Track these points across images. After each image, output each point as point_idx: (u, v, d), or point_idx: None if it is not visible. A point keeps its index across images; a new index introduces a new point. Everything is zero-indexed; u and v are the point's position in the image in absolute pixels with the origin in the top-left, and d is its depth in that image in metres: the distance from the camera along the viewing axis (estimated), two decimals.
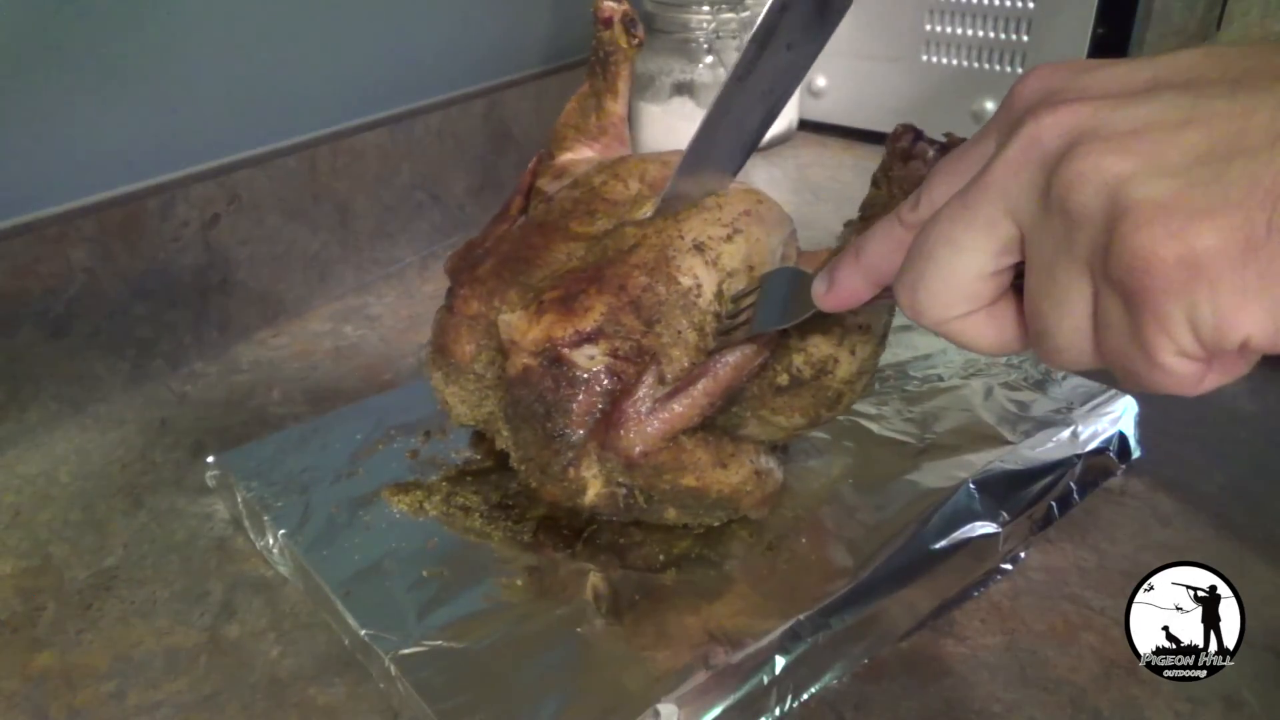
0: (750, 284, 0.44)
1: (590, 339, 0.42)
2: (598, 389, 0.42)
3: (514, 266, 0.47)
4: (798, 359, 0.42)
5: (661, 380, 0.42)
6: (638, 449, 0.41)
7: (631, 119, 0.76)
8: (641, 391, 0.42)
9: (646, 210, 0.47)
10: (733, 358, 0.41)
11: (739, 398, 0.43)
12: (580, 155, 0.56)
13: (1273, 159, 0.21)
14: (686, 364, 0.43)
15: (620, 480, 0.43)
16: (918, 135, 0.38)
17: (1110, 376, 0.35)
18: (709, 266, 0.44)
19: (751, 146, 0.46)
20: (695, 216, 0.45)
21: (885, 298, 0.33)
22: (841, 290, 0.34)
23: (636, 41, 0.56)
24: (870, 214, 0.41)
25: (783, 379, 0.43)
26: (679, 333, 0.43)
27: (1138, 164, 0.22)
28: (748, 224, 0.45)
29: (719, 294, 0.44)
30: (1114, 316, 0.24)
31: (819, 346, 0.42)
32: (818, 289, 0.34)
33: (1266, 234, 0.21)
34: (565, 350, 0.42)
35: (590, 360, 0.42)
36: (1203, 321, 0.22)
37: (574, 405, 0.42)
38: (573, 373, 0.42)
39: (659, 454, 0.41)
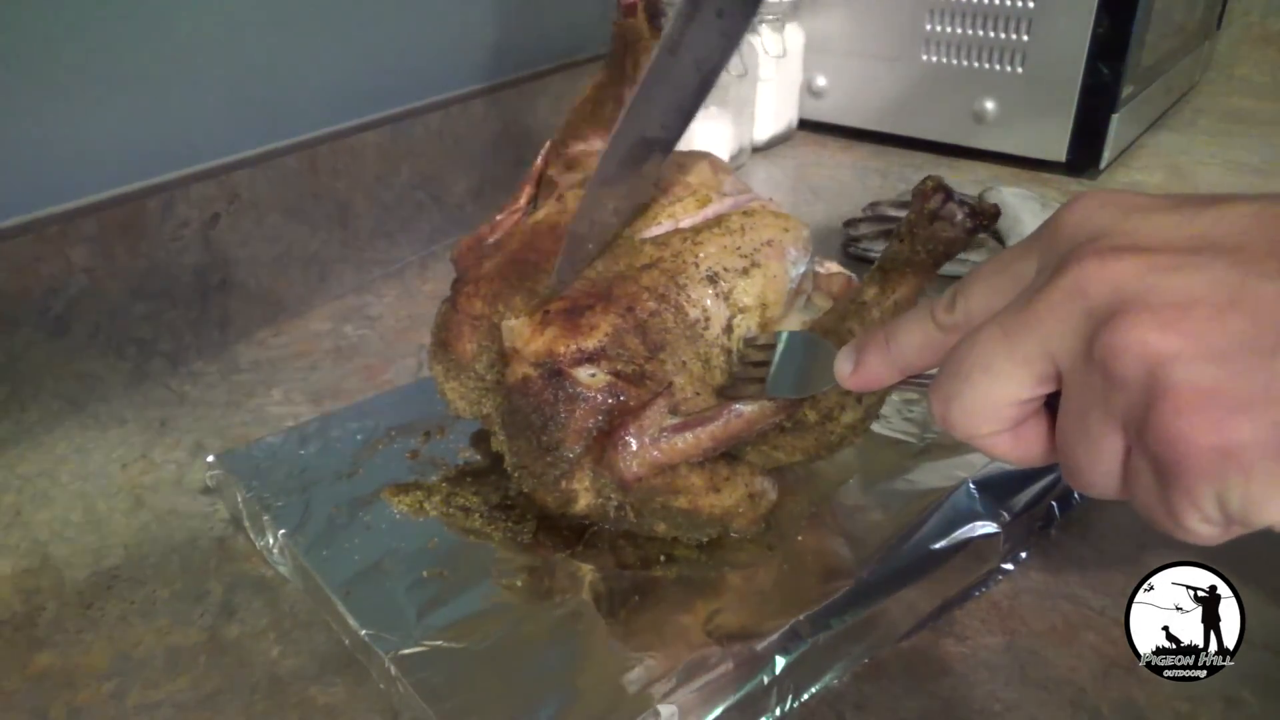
0: (764, 337, 0.43)
1: (592, 358, 0.42)
2: (595, 407, 0.42)
3: (521, 269, 0.46)
4: (805, 404, 0.42)
5: (672, 410, 0.42)
6: (633, 473, 0.41)
7: None
8: (648, 419, 0.41)
9: (660, 221, 0.46)
10: (748, 411, 0.41)
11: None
12: (593, 146, 0.54)
13: None
14: (690, 393, 0.42)
15: (611, 495, 0.43)
16: (948, 196, 0.37)
17: None
18: (719, 300, 0.43)
19: (687, 120, 0.45)
20: (715, 240, 0.44)
21: (908, 384, 0.34)
22: (867, 375, 0.34)
23: (659, 31, 0.54)
24: (890, 268, 0.40)
25: (788, 422, 0.43)
26: (683, 363, 0.42)
27: (1182, 345, 0.23)
28: (767, 258, 0.44)
29: (727, 328, 0.43)
30: (1144, 476, 0.24)
31: (827, 395, 0.41)
32: (842, 368, 0.35)
33: None
34: (566, 366, 0.42)
35: (591, 378, 0.42)
36: (1232, 504, 0.23)
37: (570, 421, 0.42)
38: (572, 388, 0.42)
39: (653, 478, 0.41)
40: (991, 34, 0.97)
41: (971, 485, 0.48)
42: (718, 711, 0.39)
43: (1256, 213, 0.24)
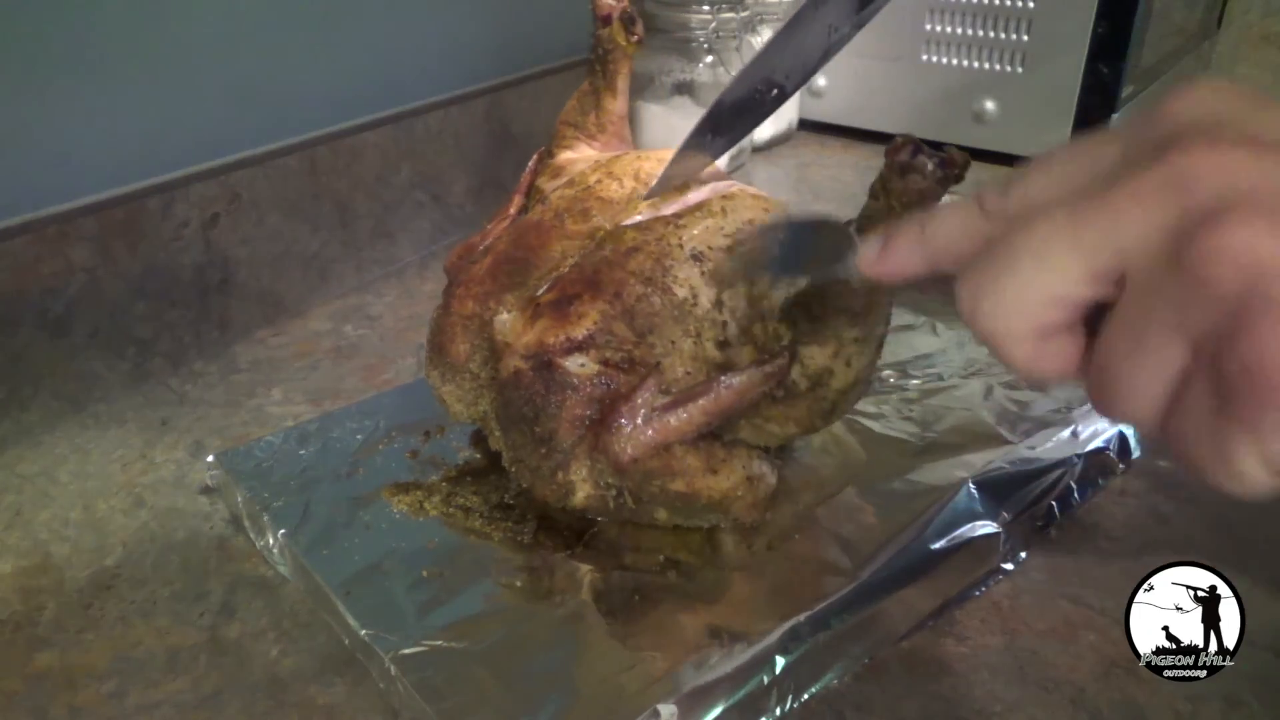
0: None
1: (581, 347, 0.42)
2: (587, 395, 0.42)
3: (509, 267, 0.47)
4: (794, 371, 0.42)
5: (663, 390, 0.42)
6: (628, 455, 0.41)
7: (632, 118, 0.76)
8: (639, 400, 0.41)
9: (641, 210, 0.47)
10: (737, 381, 0.41)
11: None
12: (580, 153, 0.55)
13: None
14: (682, 373, 0.43)
15: (609, 482, 0.43)
16: (917, 148, 0.37)
17: None
18: (706, 278, 0.43)
19: (805, 77, 0.47)
20: (698, 223, 0.45)
21: (930, 288, 0.32)
22: (895, 261, 0.30)
23: (635, 39, 0.55)
24: (866, 227, 0.40)
25: (778, 390, 0.43)
26: (672, 343, 0.43)
27: None
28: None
29: (717, 303, 0.43)
30: (1200, 404, 0.22)
31: (815, 359, 0.42)
32: (867, 254, 0.31)
33: None
34: (556, 356, 0.42)
35: (581, 368, 0.42)
36: None
37: (562, 411, 0.42)
38: (562, 378, 0.42)
39: (649, 460, 0.41)
40: (991, 34, 0.97)
41: (971, 485, 0.48)
42: (718, 711, 0.39)
43: None
